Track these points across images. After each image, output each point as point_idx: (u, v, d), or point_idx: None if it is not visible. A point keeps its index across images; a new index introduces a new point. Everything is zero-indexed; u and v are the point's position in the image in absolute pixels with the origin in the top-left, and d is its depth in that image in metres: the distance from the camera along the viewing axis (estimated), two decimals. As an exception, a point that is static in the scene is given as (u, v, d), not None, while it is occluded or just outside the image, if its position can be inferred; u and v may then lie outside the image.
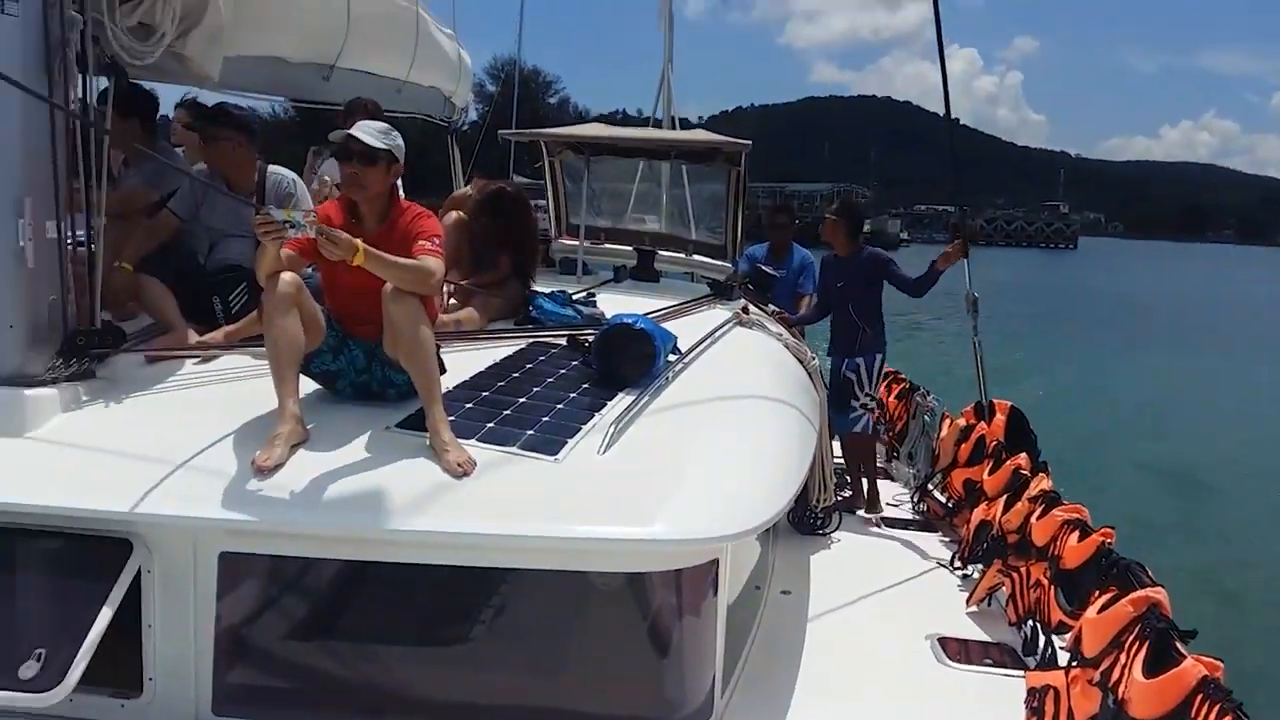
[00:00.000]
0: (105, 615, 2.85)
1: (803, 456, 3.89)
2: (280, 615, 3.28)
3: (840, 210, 6.38)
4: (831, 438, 5.98)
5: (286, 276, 3.23)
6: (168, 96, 5.16)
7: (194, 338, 4.04)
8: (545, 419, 3.45)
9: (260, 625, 3.22)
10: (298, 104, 5.79)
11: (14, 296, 3.37)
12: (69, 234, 3.52)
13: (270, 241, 3.11)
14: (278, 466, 3.01)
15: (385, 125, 3.50)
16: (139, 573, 2.99)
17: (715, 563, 3.21)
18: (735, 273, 6.86)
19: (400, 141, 3.48)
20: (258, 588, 3.19)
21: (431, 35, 7.02)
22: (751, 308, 5.83)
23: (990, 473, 5.18)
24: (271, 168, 4.53)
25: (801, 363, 5.27)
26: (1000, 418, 5.67)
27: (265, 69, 4.88)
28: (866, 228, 6.56)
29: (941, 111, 6.03)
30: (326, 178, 5.81)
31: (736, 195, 8.16)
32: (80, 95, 3.49)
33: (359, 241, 3.10)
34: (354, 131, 3.38)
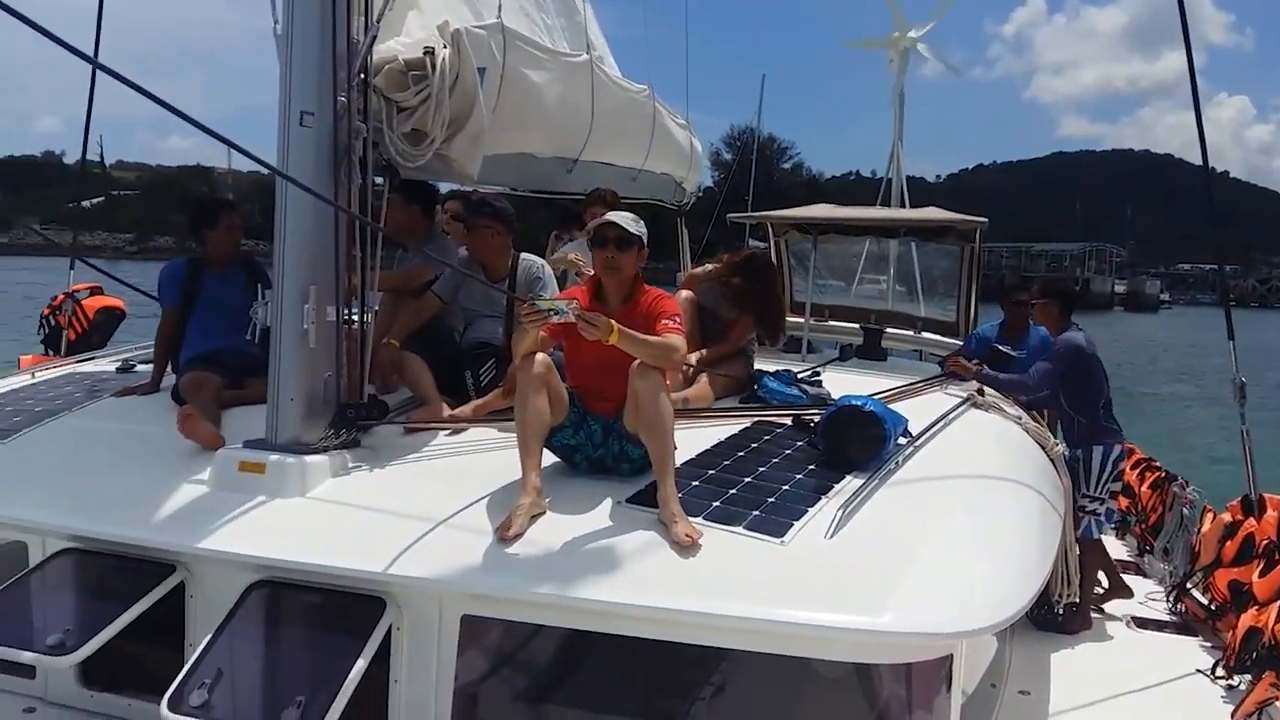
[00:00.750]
0: (359, 668, 3.10)
1: (1046, 548, 3.68)
2: (512, 678, 3.44)
3: (1045, 291, 5.96)
4: None
5: (539, 357, 3.49)
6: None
7: (447, 411, 4.37)
8: (771, 500, 3.47)
9: (494, 686, 3.39)
10: (539, 194, 6.22)
11: (296, 373, 3.79)
12: (345, 316, 3.95)
13: (534, 327, 3.39)
14: (518, 536, 3.20)
15: (633, 215, 3.77)
16: (390, 630, 3.25)
17: (949, 658, 3.08)
18: (961, 350, 6.66)
19: (645, 229, 3.73)
20: (494, 650, 3.36)
21: (666, 126, 7.34)
22: (988, 389, 5.62)
23: (1261, 574, 4.71)
24: (523, 255, 4.89)
25: (1043, 448, 5.01)
26: (1272, 514, 5.14)
27: (516, 165, 5.29)
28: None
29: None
30: (571, 255, 6.20)
31: (970, 272, 7.95)
32: (360, 193, 3.92)
33: (614, 323, 3.34)
34: (613, 219, 3.68)
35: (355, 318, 4.03)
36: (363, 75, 3.81)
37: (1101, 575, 5.78)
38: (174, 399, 4.49)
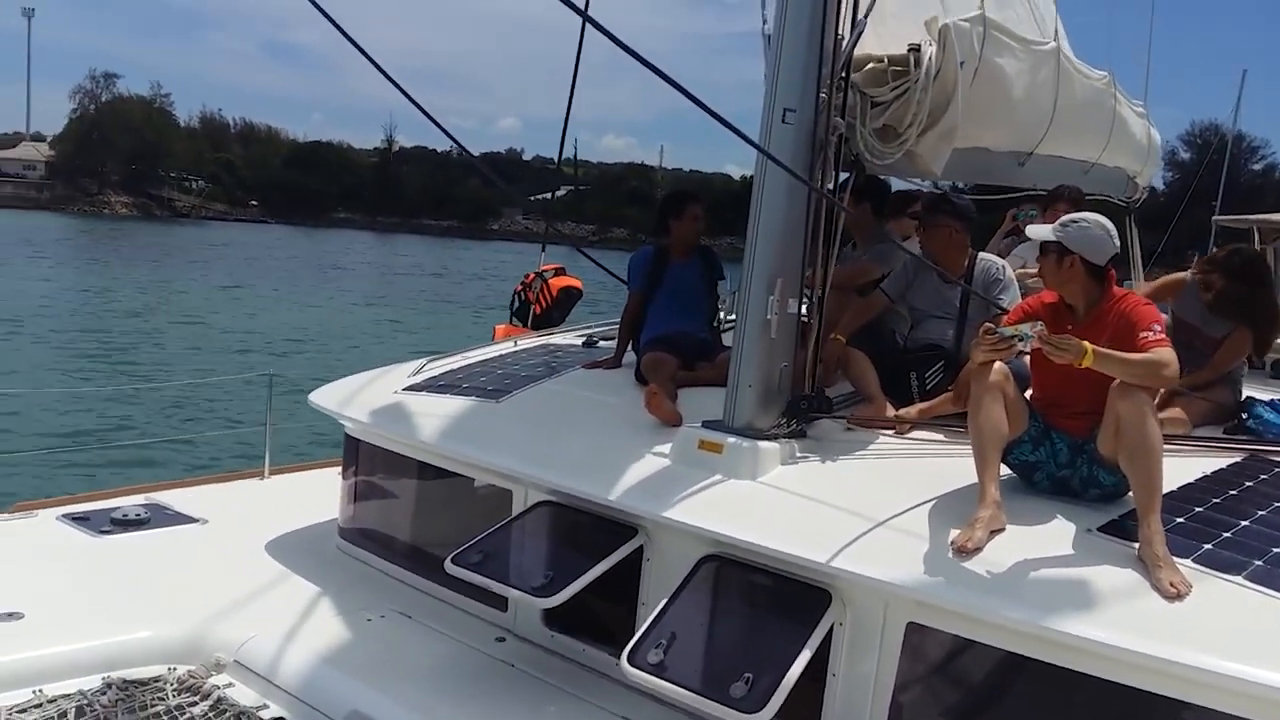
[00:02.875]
0: (804, 657, 3.16)
1: None
2: (952, 695, 3.33)
3: None
4: None
5: (997, 365, 3.33)
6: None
7: (890, 410, 4.32)
8: (1277, 550, 3.03)
9: (932, 699, 3.30)
10: (986, 188, 5.94)
11: (756, 361, 3.93)
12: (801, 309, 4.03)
13: (996, 356, 3.25)
14: (977, 550, 3.08)
15: (1077, 216, 3.50)
16: (833, 624, 3.27)
17: None
18: None
19: (1083, 232, 3.42)
20: (936, 662, 3.27)
21: (1124, 117, 6.71)
22: None
23: None
24: (981, 255, 4.69)
25: None
26: None
27: (970, 159, 5.07)
28: None
29: None
30: (1021, 260, 5.84)
31: None
32: (831, 187, 3.99)
33: (1087, 344, 3.09)
34: (1028, 229, 3.54)
35: (806, 311, 4.10)
36: (844, 73, 3.85)
37: None
38: (636, 376, 4.87)
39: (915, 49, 3.94)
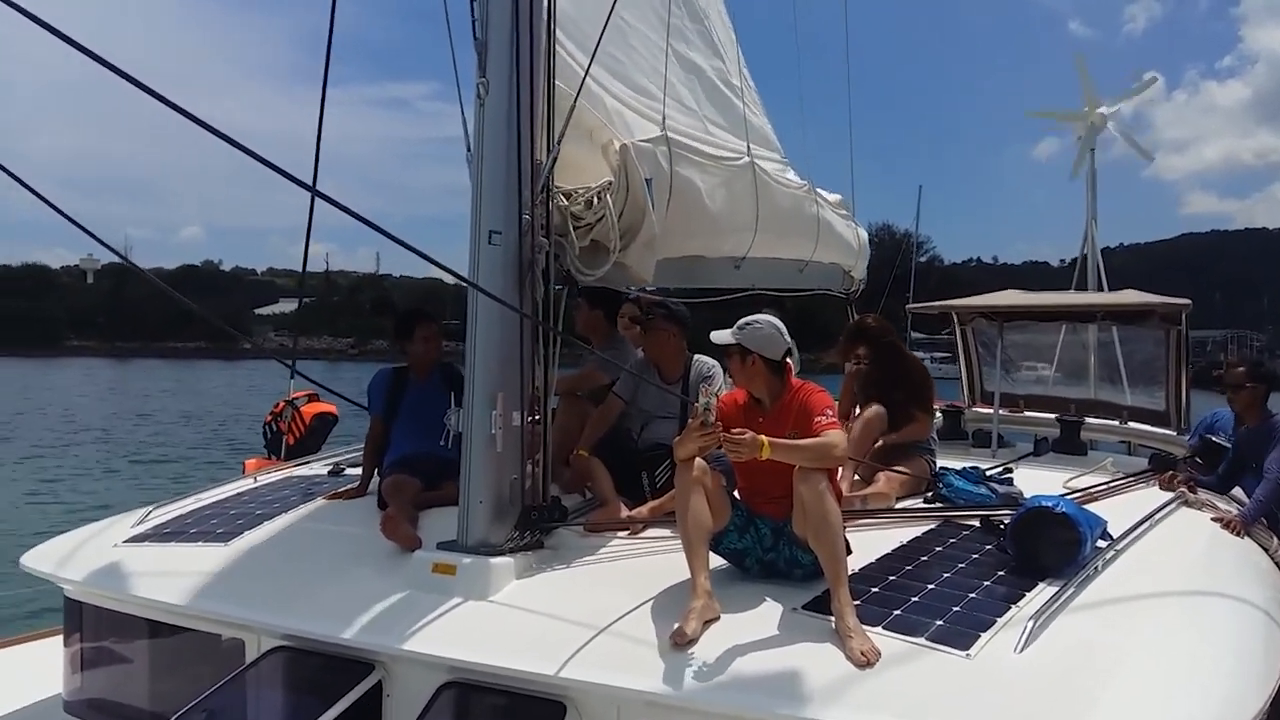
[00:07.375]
0: None
1: (1270, 664, 3.34)
2: None
3: (1254, 375, 5.62)
4: None
5: (696, 461, 3.54)
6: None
7: (625, 512, 4.44)
8: (956, 609, 3.32)
9: None
10: (710, 294, 6.33)
11: (485, 476, 3.96)
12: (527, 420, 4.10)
13: (707, 439, 3.41)
14: (692, 642, 3.19)
15: (751, 319, 3.80)
16: None
17: None
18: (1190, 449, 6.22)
19: (756, 333, 3.73)
20: None
21: (828, 220, 7.33)
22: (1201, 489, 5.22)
23: None
24: (696, 357, 4.97)
25: (1267, 551, 4.58)
26: None
27: (686, 266, 5.40)
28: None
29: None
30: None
31: (1178, 357, 7.49)
32: (542, 303, 4.11)
33: (762, 438, 3.34)
34: (713, 337, 3.84)
35: (536, 420, 4.18)
36: (545, 193, 4.04)
37: None
38: (379, 503, 4.76)
39: (606, 190, 4.20)
